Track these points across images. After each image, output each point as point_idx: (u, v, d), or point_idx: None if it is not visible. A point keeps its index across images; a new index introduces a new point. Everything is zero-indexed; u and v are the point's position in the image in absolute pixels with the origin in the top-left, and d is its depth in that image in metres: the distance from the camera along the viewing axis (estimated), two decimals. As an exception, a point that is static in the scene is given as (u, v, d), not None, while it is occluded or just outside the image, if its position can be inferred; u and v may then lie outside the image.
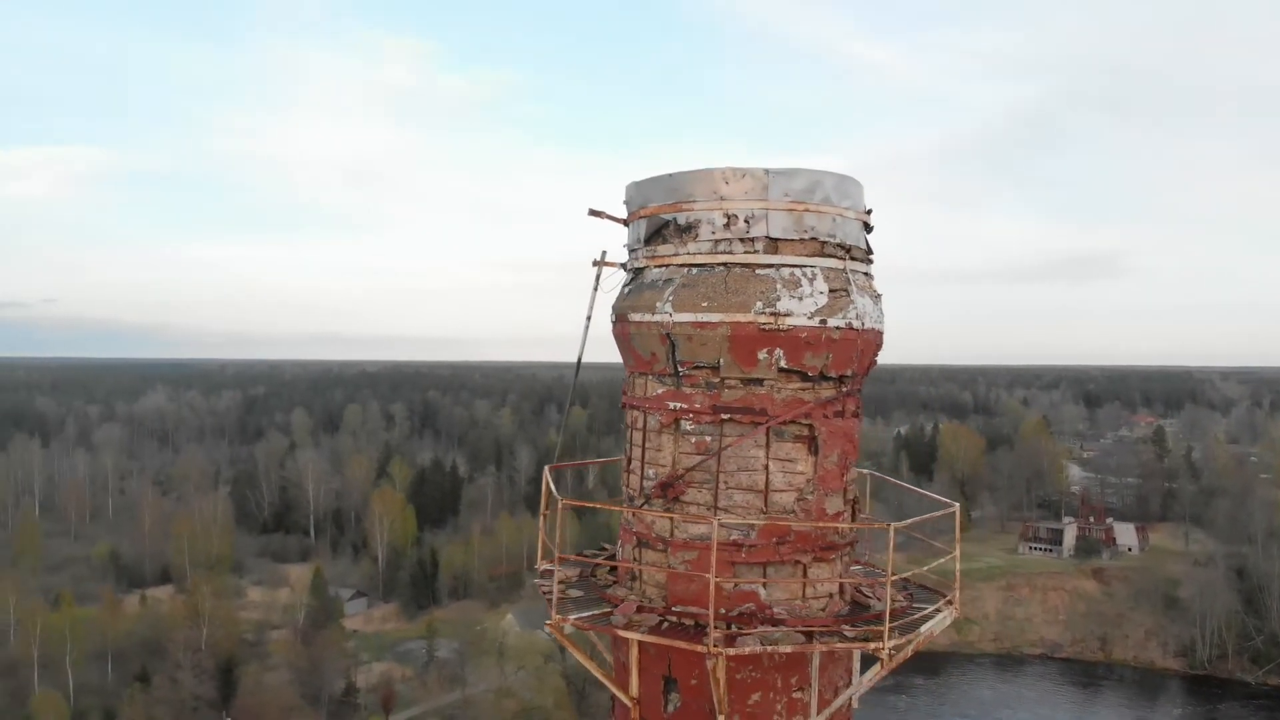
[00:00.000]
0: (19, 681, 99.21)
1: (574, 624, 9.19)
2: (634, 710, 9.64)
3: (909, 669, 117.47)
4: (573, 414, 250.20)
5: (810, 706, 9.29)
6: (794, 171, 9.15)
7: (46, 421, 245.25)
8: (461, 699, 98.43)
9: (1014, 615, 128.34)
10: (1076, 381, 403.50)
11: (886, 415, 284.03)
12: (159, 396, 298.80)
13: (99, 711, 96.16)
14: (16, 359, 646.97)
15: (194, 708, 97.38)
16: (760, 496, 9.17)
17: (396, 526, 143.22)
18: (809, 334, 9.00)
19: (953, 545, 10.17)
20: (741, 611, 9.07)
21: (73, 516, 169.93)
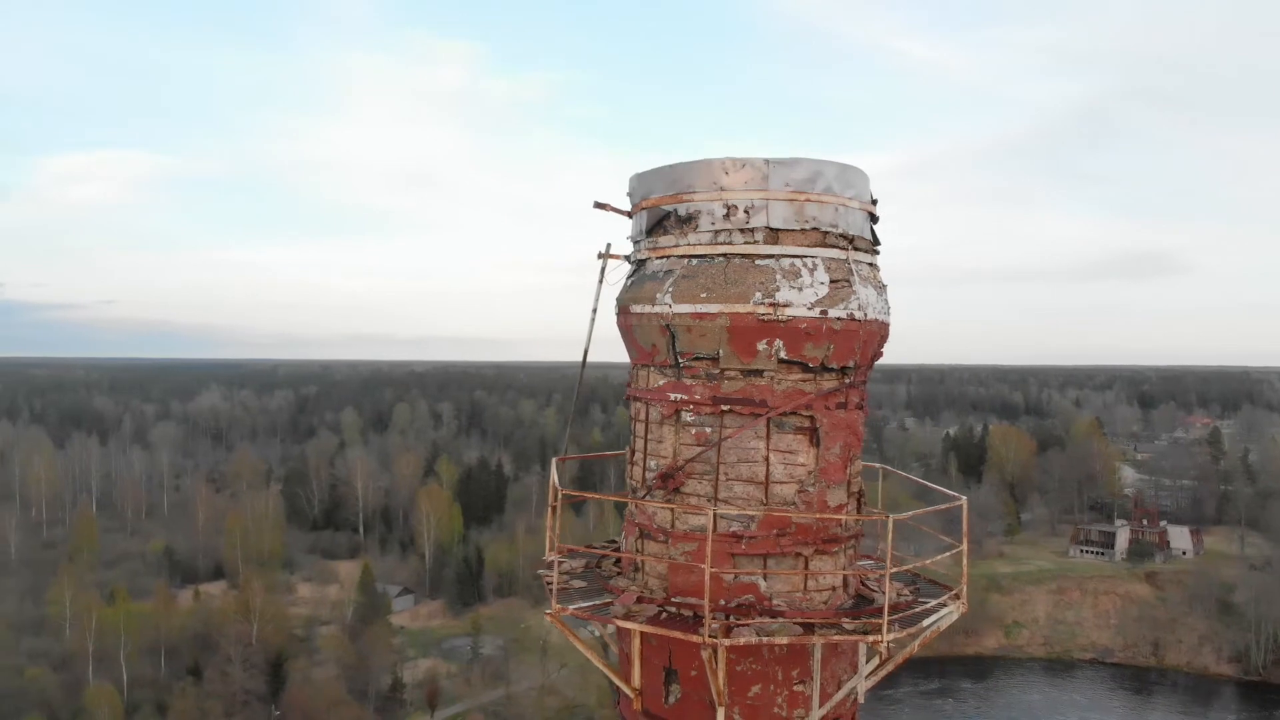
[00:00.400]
0: (74, 675, 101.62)
1: (573, 613, 9.22)
2: (636, 701, 9.65)
3: (957, 672, 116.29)
4: (615, 411, 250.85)
5: (812, 700, 9.23)
6: (795, 161, 9.09)
7: (104, 420, 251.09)
8: (505, 696, 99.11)
9: (1064, 619, 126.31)
10: (1131, 382, 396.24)
11: (935, 416, 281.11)
12: (213, 396, 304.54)
13: (152, 704, 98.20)
14: (75, 359, 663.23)
15: (244, 701, 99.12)
16: (760, 488, 9.12)
17: (443, 524, 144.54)
18: (809, 325, 8.93)
19: (1002, 545, 10.02)
20: (740, 603, 9.03)
21: (129, 513, 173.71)
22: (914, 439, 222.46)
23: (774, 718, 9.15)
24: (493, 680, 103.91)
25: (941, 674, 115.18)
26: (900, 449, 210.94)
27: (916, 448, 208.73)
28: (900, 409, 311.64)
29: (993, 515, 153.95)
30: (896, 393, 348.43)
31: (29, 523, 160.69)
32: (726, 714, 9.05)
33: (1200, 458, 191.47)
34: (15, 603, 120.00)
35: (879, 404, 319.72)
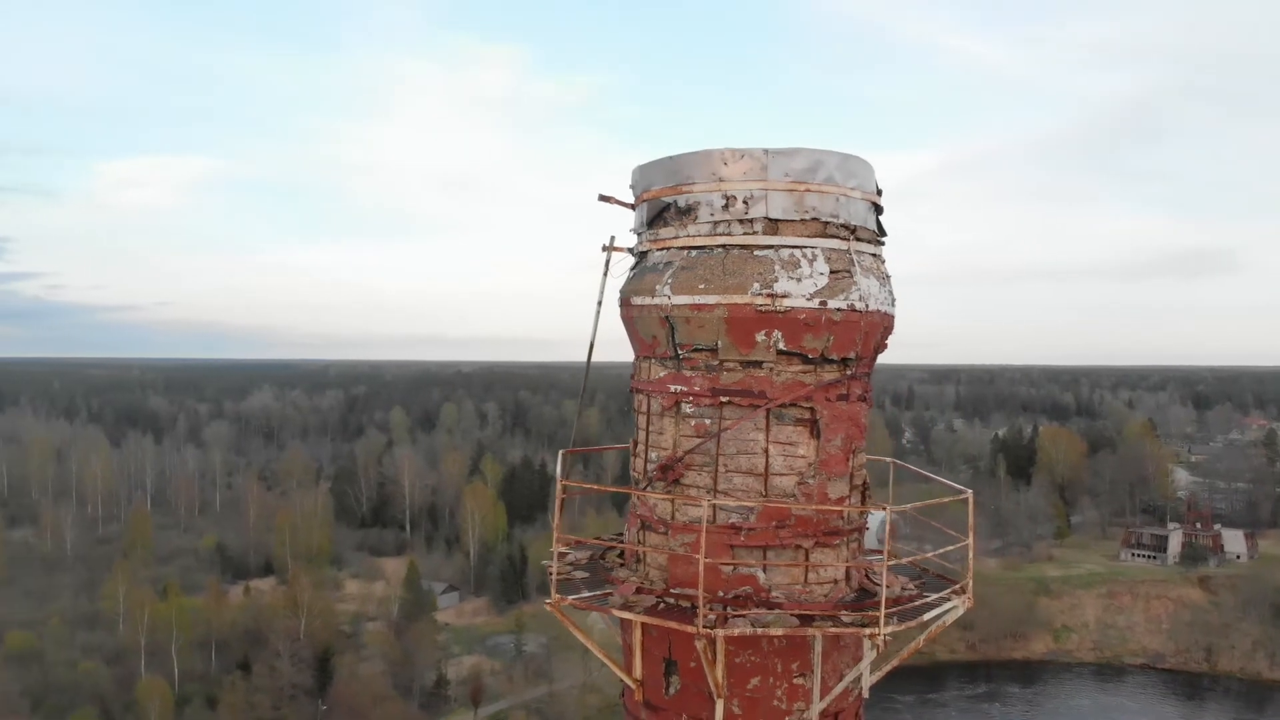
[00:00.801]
0: (127, 668, 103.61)
1: (572, 603, 9.27)
2: (637, 691, 9.68)
3: (1004, 677, 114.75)
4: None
5: (812, 693, 9.18)
6: (794, 151, 9.05)
7: (159, 419, 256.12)
8: (548, 693, 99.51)
9: (1115, 624, 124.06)
10: (1185, 382, 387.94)
11: (985, 417, 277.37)
12: (265, 395, 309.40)
13: (202, 698, 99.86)
14: (131, 359, 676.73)
15: (291, 696, 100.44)
16: (760, 480, 9.09)
17: (488, 522, 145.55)
18: (808, 315, 8.88)
19: (1052, 548, 9.89)
20: (738, 594, 9.02)
21: (182, 510, 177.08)
22: (963, 440, 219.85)
23: (773, 710, 9.13)
24: (535, 678, 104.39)
25: (988, 678, 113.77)
26: (948, 450, 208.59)
27: (965, 449, 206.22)
28: (949, 410, 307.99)
29: (1042, 518, 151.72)
30: (945, 393, 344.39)
31: (85, 519, 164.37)
32: (725, 706, 9.05)
33: (1256, 460, 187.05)
34: (71, 598, 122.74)
35: (927, 405, 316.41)
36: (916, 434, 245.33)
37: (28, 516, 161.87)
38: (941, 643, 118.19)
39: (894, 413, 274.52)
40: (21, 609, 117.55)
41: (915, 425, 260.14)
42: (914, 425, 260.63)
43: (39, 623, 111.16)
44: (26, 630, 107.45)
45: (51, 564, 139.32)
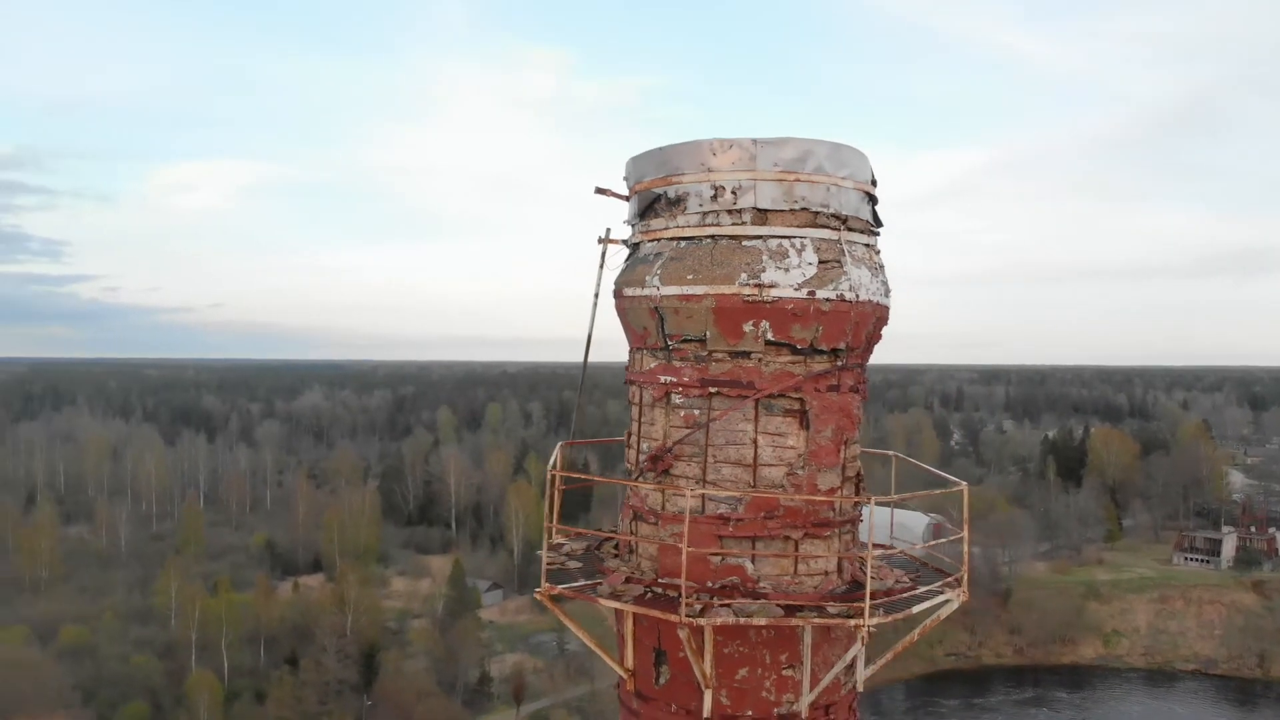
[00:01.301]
0: (178, 662, 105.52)
1: (561, 592, 9.31)
2: (629, 681, 9.71)
3: (1052, 682, 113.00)
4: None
5: (802, 685, 9.14)
6: (783, 141, 9.00)
7: (212, 418, 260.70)
8: (590, 692, 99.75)
9: (1166, 629, 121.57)
10: (1241, 383, 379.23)
11: (1035, 418, 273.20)
12: (315, 395, 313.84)
13: (251, 692, 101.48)
14: (186, 360, 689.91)
15: (338, 691, 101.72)
16: (749, 471, 9.07)
17: (532, 521, 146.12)
18: (796, 305, 8.84)
19: (1102, 552, 9.79)
20: (724, 584, 9.01)
21: (234, 507, 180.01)
22: (1012, 442, 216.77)
23: (762, 701, 9.10)
24: (577, 676, 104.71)
25: (1036, 683, 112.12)
26: (997, 452, 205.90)
27: (1014, 451, 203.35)
28: (999, 411, 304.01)
29: (1092, 521, 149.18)
30: (995, 394, 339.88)
31: (139, 516, 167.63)
32: (714, 696, 9.04)
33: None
34: (124, 593, 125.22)
35: (976, 406, 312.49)
36: (965, 435, 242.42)
37: (84, 513, 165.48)
38: (988, 647, 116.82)
39: (942, 414, 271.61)
40: (76, 604, 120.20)
41: (964, 427, 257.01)
42: (963, 427, 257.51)
43: (93, 617, 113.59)
44: (81, 625, 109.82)
45: (106, 560, 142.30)
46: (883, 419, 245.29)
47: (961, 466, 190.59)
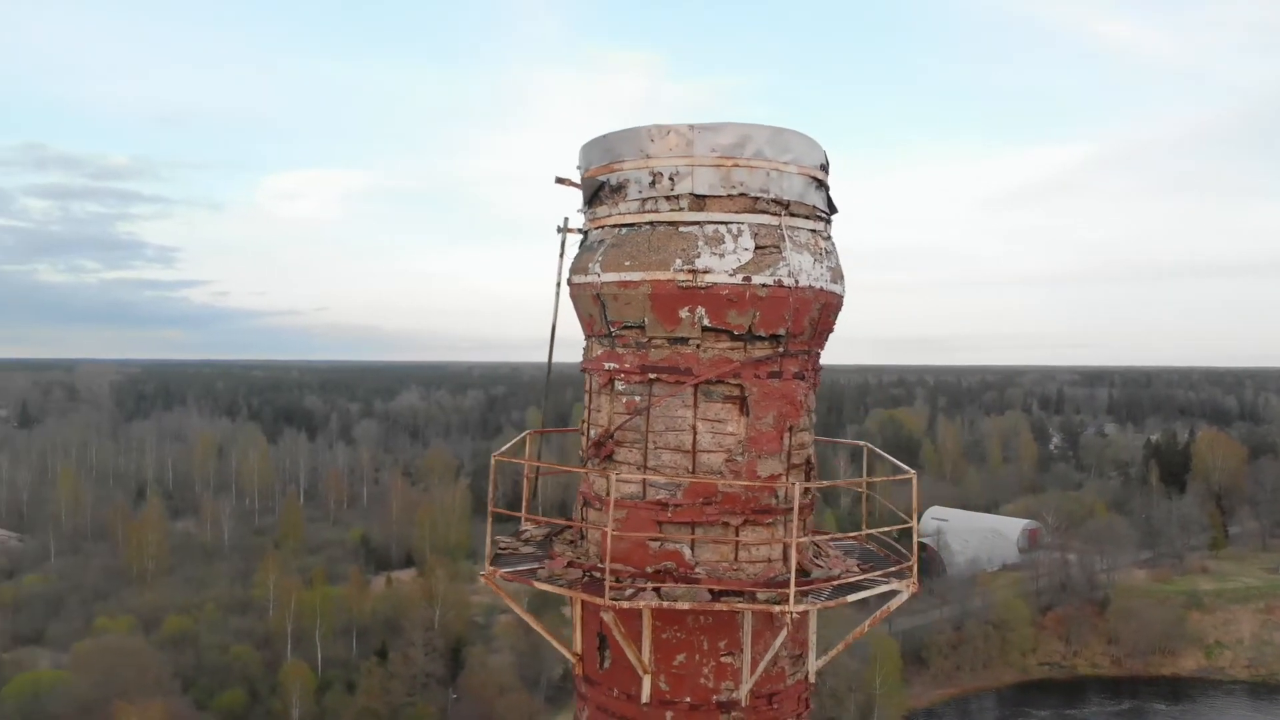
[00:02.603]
0: (274, 652, 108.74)
1: (503, 576, 9.42)
2: (577, 666, 9.80)
3: (1150, 694, 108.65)
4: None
5: (742, 673, 9.08)
6: (721, 126, 8.96)
7: (313, 417, 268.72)
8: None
9: (1273, 641, 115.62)
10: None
11: (1139, 421, 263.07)
12: (412, 395, 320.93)
13: (342, 682, 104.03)
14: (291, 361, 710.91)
15: (424, 684, 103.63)
16: (688, 457, 9.06)
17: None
18: (731, 291, 8.79)
19: (1205, 560, 9.58)
20: (659, 569, 9.01)
21: (331, 504, 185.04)
22: (1113, 445, 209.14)
23: (700, 688, 9.08)
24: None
25: (1134, 694, 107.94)
26: (1098, 456, 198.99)
27: (1115, 454, 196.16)
28: (1100, 413, 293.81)
29: (1196, 528, 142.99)
30: (1097, 396, 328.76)
31: (242, 511, 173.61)
32: (652, 682, 9.06)
33: None
34: (226, 585, 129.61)
35: (1077, 409, 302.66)
36: (1065, 439, 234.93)
37: (190, 508, 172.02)
38: (1083, 657, 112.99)
39: (1041, 417, 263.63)
40: (181, 595, 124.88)
41: (1064, 430, 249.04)
42: (1062, 430, 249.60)
43: (195, 608, 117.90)
44: (184, 615, 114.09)
45: (210, 553, 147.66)
46: (978, 421, 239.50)
47: (1060, 471, 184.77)
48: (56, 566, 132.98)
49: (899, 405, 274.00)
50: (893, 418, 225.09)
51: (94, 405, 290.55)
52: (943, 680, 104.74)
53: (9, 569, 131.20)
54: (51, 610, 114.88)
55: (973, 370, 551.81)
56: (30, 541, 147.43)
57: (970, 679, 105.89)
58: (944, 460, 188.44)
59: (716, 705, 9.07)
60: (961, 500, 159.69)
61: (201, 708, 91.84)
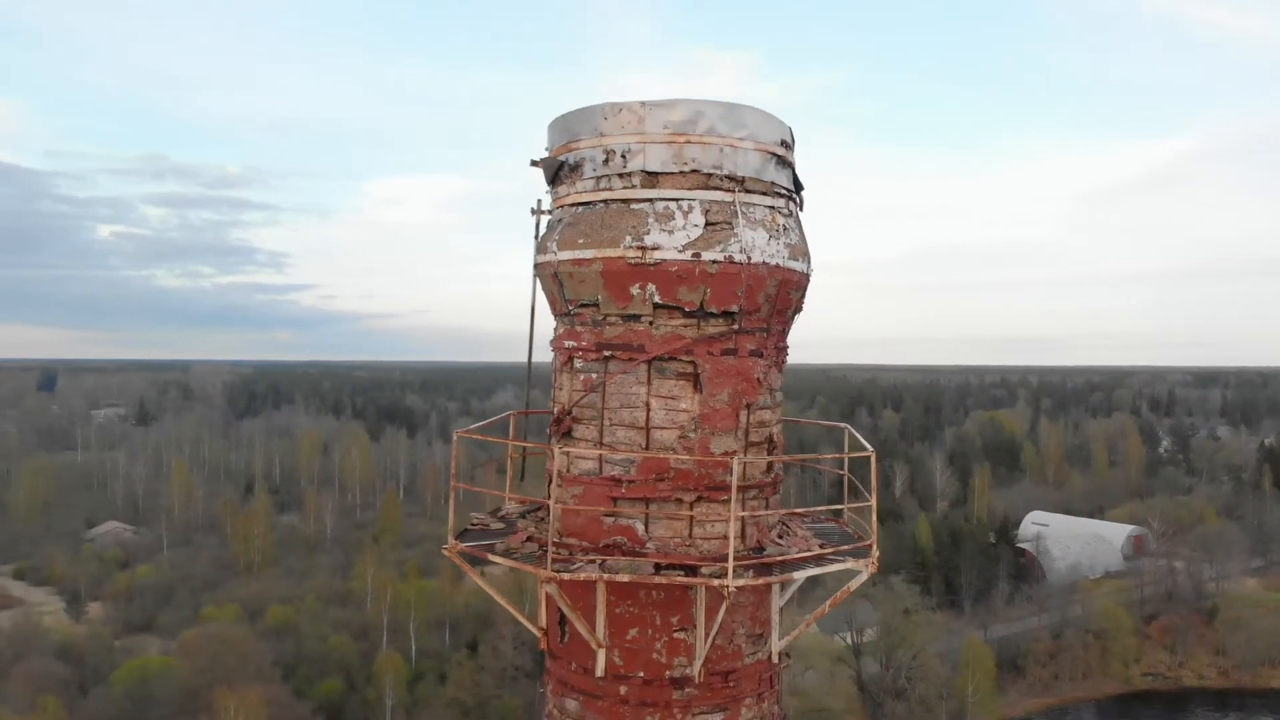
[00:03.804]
0: (370, 643, 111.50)
1: (464, 550, 9.57)
2: (541, 641, 9.92)
3: (1260, 706, 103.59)
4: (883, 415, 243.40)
5: (695, 649, 9.07)
6: (673, 103, 8.96)
7: (414, 416, 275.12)
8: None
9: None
10: None
11: (1253, 423, 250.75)
12: (507, 395, 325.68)
13: (434, 674, 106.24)
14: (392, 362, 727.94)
15: (513, 676, 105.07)
16: (642, 433, 9.09)
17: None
18: (680, 268, 8.79)
19: None
20: (608, 544, 9.07)
21: (429, 499, 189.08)
22: (1226, 449, 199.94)
23: (653, 663, 9.11)
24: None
25: (1241, 707, 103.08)
26: (1210, 460, 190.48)
27: (1228, 458, 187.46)
28: (1213, 416, 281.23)
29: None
30: (1210, 398, 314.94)
31: (344, 506, 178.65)
32: (607, 656, 9.13)
33: None
34: (327, 576, 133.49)
35: (1189, 410, 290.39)
36: (1174, 442, 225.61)
37: (295, 503, 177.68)
38: (1189, 668, 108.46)
39: (1150, 419, 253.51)
40: (284, 586, 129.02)
41: (1174, 433, 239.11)
42: (1172, 433, 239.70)
43: (297, 599, 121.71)
44: (286, 605, 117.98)
45: (312, 546, 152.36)
46: (1084, 423, 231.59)
47: (1169, 475, 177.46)
48: (168, 557, 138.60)
49: (1000, 407, 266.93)
50: (993, 419, 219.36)
51: (207, 404, 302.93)
52: (1039, 689, 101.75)
53: (124, 560, 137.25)
54: (162, 599, 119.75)
55: (1079, 371, 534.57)
56: (144, 534, 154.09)
57: (1069, 689, 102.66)
58: (1046, 464, 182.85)
59: (670, 681, 9.09)
60: (1064, 505, 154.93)
61: (300, 696, 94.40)
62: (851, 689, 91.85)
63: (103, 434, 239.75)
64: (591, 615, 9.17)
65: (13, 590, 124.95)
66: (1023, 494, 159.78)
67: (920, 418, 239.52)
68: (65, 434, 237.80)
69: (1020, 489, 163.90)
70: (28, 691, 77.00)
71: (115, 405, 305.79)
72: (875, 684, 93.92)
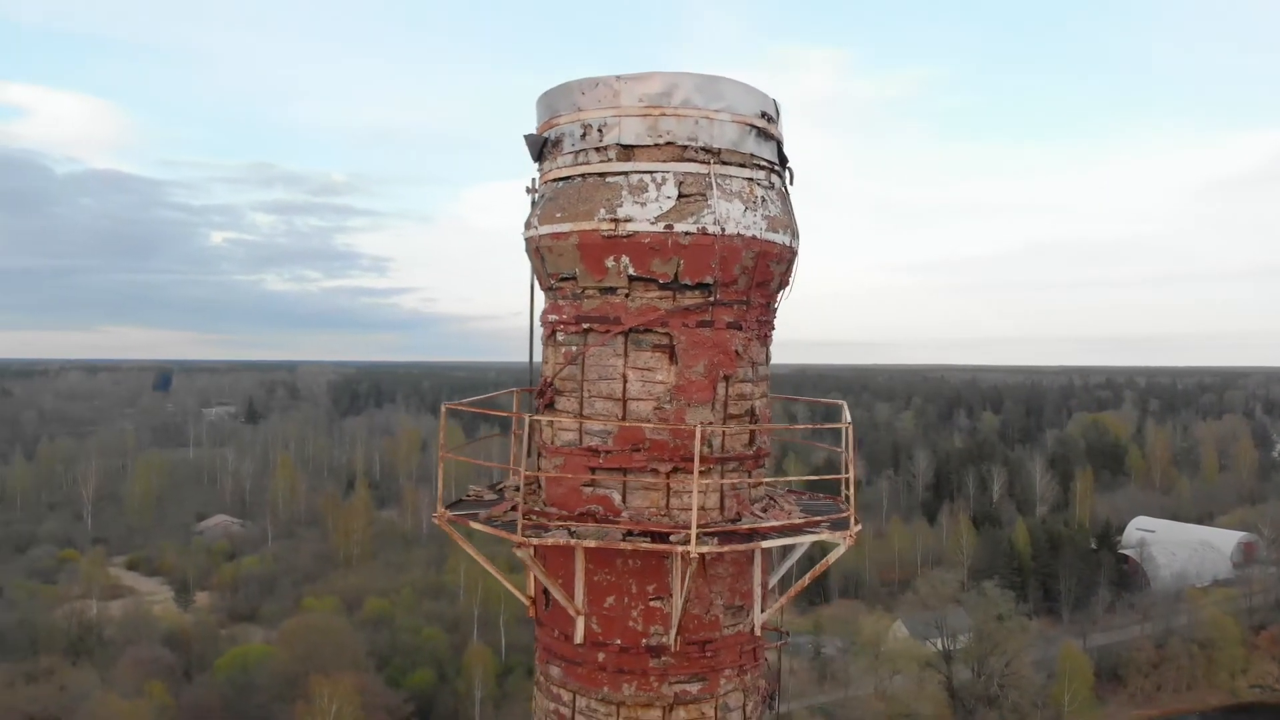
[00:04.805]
0: (461, 635, 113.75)
1: (451, 518, 9.79)
2: (530, 609, 10.12)
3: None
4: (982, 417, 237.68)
5: (671, 618, 9.13)
6: (648, 76, 9.02)
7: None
8: (843, 699, 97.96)
9: None
10: None
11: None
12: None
13: (523, 667, 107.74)
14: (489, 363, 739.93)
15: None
16: (619, 405, 9.19)
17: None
18: (652, 239, 8.85)
19: None
20: (583, 512, 9.20)
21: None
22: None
23: (629, 631, 9.20)
24: (832, 681, 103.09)
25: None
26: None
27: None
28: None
29: None
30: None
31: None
32: (585, 623, 9.27)
33: None
34: (422, 570, 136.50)
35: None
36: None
37: (393, 498, 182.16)
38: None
39: (1264, 421, 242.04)
40: (381, 579, 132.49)
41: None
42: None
43: (393, 591, 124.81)
44: (382, 598, 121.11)
45: (409, 540, 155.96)
46: (1193, 426, 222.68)
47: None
48: (272, 550, 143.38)
49: (1104, 409, 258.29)
50: (1096, 422, 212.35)
51: (313, 403, 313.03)
52: (1141, 700, 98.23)
53: (231, 551, 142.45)
54: (265, 590, 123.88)
55: (1189, 371, 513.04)
56: (250, 527, 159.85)
57: (1171, 700, 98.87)
58: (1153, 468, 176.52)
59: (646, 649, 9.17)
60: (1171, 511, 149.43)
61: (393, 685, 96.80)
62: (941, 695, 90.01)
63: (213, 431, 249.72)
64: (571, 583, 9.32)
65: (125, 580, 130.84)
66: (1127, 499, 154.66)
67: (1021, 420, 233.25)
68: (178, 431, 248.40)
69: (1125, 494, 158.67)
70: (136, 677, 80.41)
71: (226, 404, 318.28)
72: (966, 690, 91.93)
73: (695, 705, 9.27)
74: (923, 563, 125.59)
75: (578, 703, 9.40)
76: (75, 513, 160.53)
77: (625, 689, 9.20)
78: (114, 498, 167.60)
